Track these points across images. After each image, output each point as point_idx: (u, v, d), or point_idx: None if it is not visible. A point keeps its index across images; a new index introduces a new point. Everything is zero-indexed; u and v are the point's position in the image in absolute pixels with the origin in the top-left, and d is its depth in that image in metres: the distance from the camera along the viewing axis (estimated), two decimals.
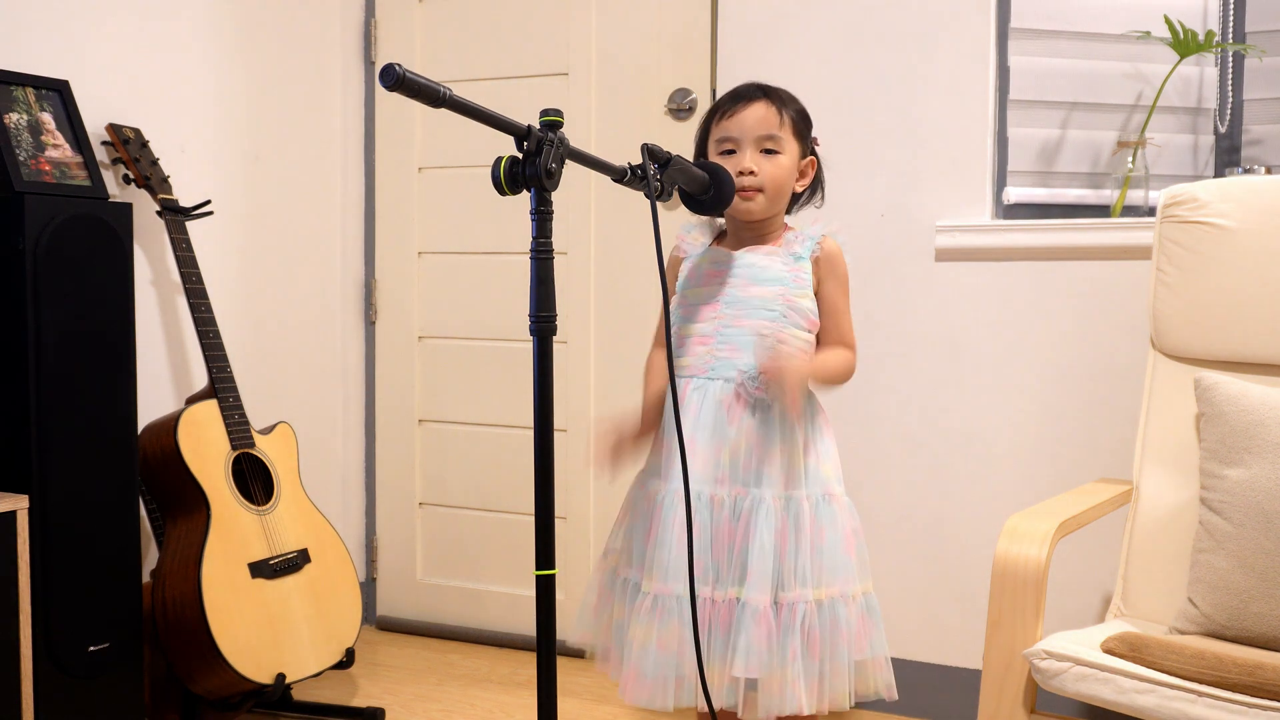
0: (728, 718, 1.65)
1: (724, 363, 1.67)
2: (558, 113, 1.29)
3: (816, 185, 1.79)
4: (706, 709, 1.57)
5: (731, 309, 1.68)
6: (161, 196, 2.33)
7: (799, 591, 1.62)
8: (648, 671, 1.61)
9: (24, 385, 1.97)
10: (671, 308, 1.74)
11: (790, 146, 1.70)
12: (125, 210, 2.14)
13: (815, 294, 1.70)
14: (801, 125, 1.73)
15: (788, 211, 1.79)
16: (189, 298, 2.31)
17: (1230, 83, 2.39)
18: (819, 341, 1.72)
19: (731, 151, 1.70)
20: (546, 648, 1.28)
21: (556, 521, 1.30)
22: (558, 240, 1.39)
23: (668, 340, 1.56)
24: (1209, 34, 2.30)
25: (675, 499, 1.64)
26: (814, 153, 1.76)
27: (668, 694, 1.61)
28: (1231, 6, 2.37)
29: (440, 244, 2.97)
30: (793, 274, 1.68)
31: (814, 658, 1.61)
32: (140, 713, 2.16)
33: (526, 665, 2.78)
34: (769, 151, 1.69)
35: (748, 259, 1.71)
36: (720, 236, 1.79)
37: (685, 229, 1.81)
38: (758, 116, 1.69)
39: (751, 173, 1.67)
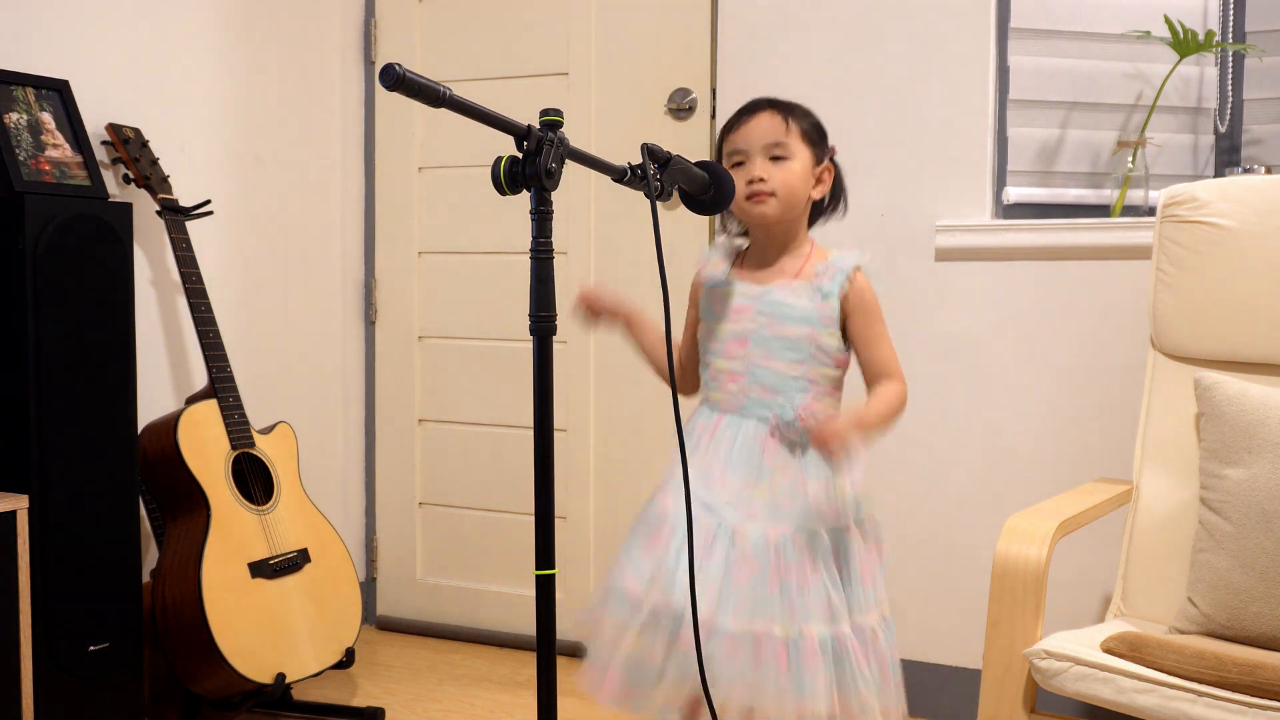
0: None
1: (757, 402, 1.68)
2: (558, 112, 1.29)
3: (837, 195, 1.78)
4: None
5: (760, 348, 1.69)
6: (161, 196, 2.33)
7: (869, 616, 1.64)
8: (630, 679, 1.63)
9: (24, 385, 1.96)
10: (700, 336, 1.77)
11: (800, 153, 1.70)
12: (125, 210, 2.14)
13: (843, 328, 1.70)
14: (813, 133, 1.73)
15: (812, 223, 1.78)
16: (189, 298, 2.31)
17: (1230, 83, 2.39)
18: (865, 379, 1.71)
19: (741, 164, 1.71)
20: (546, 648, 1.28)
21: (556, 521, 1.30)
22: (558, 240, 1.39)
23: (668, 342, 1.56)
24: (1209, 34, 2.30)
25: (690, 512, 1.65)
26: (832, 161, 1.76)
27: (638, 702, 1.64)
28: (1231, 6, 2.38)
29: (440, 244, 2.97)
30: (819, 312, 1.68)
31: (886, 680, 1.64)
32: (140, 713, 2.16)
33: (526, 665, 2.78)
34: (778, 158, 1.69)
35: (775, 295, 1.70)
36: (742, 256, 1.79)
37: (706, 255, 1.82)
38: (764, 126, 1.70)
39: (761, 179, 1.68)
